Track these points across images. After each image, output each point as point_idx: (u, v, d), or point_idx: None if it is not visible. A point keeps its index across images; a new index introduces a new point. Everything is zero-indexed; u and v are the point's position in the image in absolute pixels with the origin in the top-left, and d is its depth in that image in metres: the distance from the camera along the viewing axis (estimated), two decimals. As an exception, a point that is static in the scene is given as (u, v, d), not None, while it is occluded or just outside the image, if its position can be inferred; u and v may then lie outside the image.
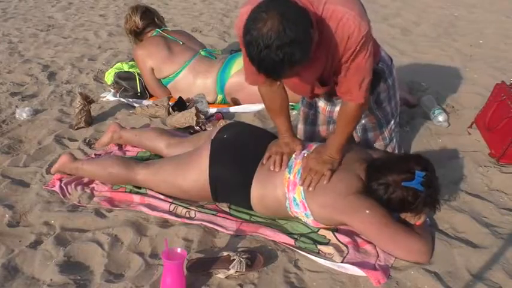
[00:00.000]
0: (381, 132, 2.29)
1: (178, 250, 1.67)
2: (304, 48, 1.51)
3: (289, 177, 1.89)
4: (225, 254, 1.75)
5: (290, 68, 1.53)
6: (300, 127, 2.45)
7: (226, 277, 1.70)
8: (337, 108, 2.21)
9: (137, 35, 3.36)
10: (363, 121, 2.26)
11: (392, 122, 2.29)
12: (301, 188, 1.84)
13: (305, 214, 1.88)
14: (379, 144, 2.31)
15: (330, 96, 2.20)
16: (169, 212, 2.06)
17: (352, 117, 1.90)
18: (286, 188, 1.89)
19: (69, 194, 2.20)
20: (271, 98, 2.05)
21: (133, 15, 3.30)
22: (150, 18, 3.35)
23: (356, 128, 2.29)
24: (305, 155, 1.95)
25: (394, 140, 2.34)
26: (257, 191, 1.94)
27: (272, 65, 1.50)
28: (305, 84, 1.97)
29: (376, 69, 2.10)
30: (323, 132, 2.40)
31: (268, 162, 1.95)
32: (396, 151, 2.36)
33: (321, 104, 2.31)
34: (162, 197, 2.14)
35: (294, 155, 1.97)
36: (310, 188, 1.83)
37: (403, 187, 1.74)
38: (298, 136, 2.45)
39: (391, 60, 2.25)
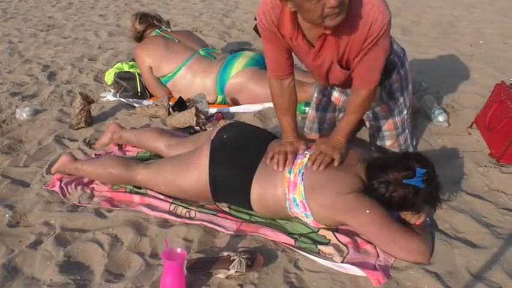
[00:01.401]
0: (393, 122, 2.32)
1: (178, 250, 1.67)
2: None
3: (289, 178, 1.89)
4: (225, 254, 1.75)
5: None
6: (311, 113, 2.51)
7: (226, 277, 1.70)
8: None
9: (140, 38, 3.44)
10: (376, 109, 2.31)
11: (405, 112, 2.33)
12: (302, 188, 1.84)
13: (305, 214, 1.87)
14: (391, 134, 2.34)
15: (345, 88, 2.26)
16: (169, 212, 2.06)
17: (362, 102, 1.97)
18: (286, 188, 1.88)
19: (69, 194, 2.20)
20: (281, 94, 2.08)
21: (134, 22, 3.43)
22: (149, 21, 3.44)
23: (369, 116, 2.34)
24: (306, 155, 1.95)
25: (407, 130, 2.37)
26: (257, 191, 1.94)
27: None
28: (323, 67, 2.01)
29: (387, 60, 2.14)
30: (333, 119, 2.44)
31: (272, 161, 1.94)
32: (408, 141, 2.40)
33: (335, 94, 2.37)
34: (162, 197, 2.14)
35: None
36: (321, 168, 1.85)
37: (404, 184, 1.75)
38: (307, 122, 2.53)
39: (404, 51, 2.30)
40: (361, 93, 1.96)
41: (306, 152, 1.97)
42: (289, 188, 1.88)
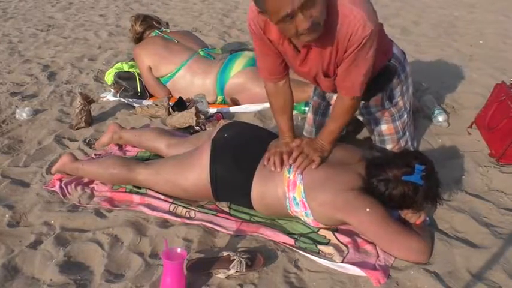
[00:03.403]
0: (394, 126, 2.32)
1: (178, 250, 1.67)
2: None
3: (288, 177, 1.89)
4: (225, 254, 1.75)
5: None
6: (310, 116, 2.50)
7: (226, 277, 1.70)
8: None
9: (139, 40, 3.44)
10: (376, 115, 2.30)
11: (405, 116, 2.33)
12: (302, 187, 1.84)
13: (305, 213, 1.88)
14: (392, 138, 2.34)
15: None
16: (169, 212, 2.06)
17: (345, 110, 1.98)
18: (286, 187, 1.89)
19: (69, 194, 2.20)
20: (276, 95, 2.08)
21: (135, 23, 3.44)
22: (148, 22, 3.45)
23: (370, 121, 2.33)
24: None
25: (407, 133, 2.38)
26: (258, 190, 1.94)
27: None
28: (310, 74, 2.02)
29: (388, 66, 2.16)
30: None
31: (269, 163, 1.95)
32: (409, 143, 2.40)
33: (335, 97, 2.35)
34: (162, 197, 2.14)
35: None
36: (299, 170, 1.87)
37: (404, 182, 1.75)
38: (306, 125, 2.53)
39: (404, 55, 2.30)
40: (345, 102, 1.95)
41: None
42: (289, 187, 1.88)
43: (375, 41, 1.78)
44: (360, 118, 2.38)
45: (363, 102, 2.24)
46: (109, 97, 3.32)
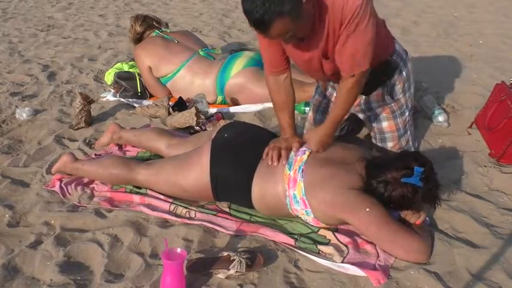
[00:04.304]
0: (395, 123, 2.32)
1: (178, 250, 1.67)
2: (292, 1, 1.63)
3: (289, 174, 1.89)
4: (225, 254, 1.75)
5: (279, 19, 1.64)
6: (311, 115, 2.52)
7: (226, 277, 1.70)
8: None
9: (138, 40, 3.44)
10: (377, 111, 2.31)
11: (407, 114, 2.33)
12: (302, 184, 1.85)
13: (305, 212, 1.88)
14: (392, 135, 2.34)
15: None
16: (169, 212, 2.06)
17: (346, 93, 1.96)
18: (286, 185, 1.89)
19: (69, 194, 2.20)
20: (277, 90, 2.10)
21: (134, 24, 3.44)
22: (149, 23, 3.45)
23: (371, 117, 2.34)
24: (306, 152, 1.95)
25: (408, 132, 2.37)
26: (258, 189, 1.94)
27: (261, 14, 1.62)
28: (314, 62, 2.03)
29: (389, 61, 2.16)
30: None
31: (267, 157, 1.96)
32: (410, 143, 2.40)
33: (336, 95, 2.36)
34: (162, 197, 2.14)
35: (293, 152, 1.97)
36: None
37: (403, 183, 1.75)
38: (307, 123, 2.55)
39: (406, 53, 2.31)
40: (346, 81, 1.94)
41: (304, 149, 1.97)
42: (289, 184, 1.88)
43: (370, 11, 1.79)
44: (360, 116, 2.38)
45: (363, 97, 2.24)
46: (109, 97, 3.32)
